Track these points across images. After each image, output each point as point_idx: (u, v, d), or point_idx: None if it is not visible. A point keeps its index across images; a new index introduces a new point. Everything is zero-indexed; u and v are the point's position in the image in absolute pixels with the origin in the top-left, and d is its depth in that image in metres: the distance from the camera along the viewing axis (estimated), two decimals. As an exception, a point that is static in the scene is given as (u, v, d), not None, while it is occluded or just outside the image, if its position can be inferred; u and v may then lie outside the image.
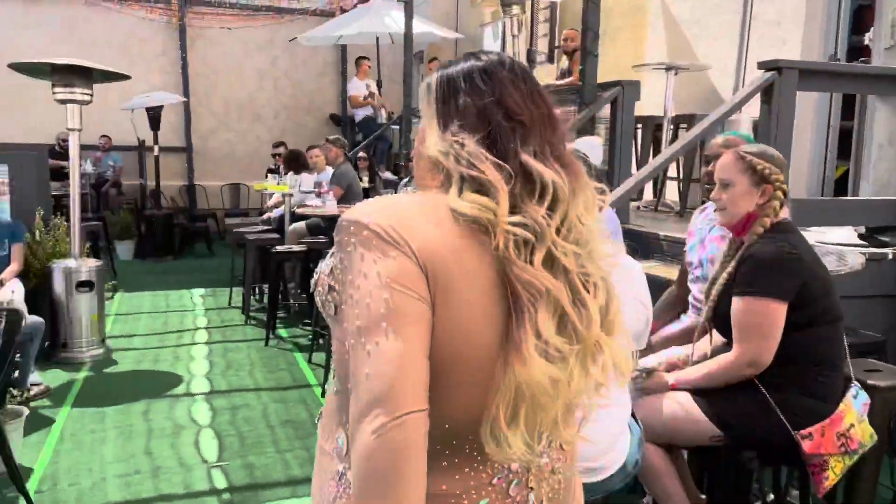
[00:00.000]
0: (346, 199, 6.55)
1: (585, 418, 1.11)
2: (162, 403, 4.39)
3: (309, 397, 4.53)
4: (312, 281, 1.13)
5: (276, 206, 7.61)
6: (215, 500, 3.23)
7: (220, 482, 3.40)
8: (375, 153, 9.81)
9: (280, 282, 6.21)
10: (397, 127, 9.44)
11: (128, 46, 11.05)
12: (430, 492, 0.98)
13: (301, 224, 6.57)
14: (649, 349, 2.59)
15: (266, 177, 8.21)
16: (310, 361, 5.25)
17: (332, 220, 6.27)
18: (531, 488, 1.10)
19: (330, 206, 6.11)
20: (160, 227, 9.66)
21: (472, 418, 1.01)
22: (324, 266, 1.11)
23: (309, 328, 6.13)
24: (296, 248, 6.13)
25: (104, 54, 9.97)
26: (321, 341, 5.56)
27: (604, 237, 1.08)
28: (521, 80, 1.10)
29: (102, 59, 6.05)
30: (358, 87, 9.96)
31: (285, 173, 7.28)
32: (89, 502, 3.18)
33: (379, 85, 10.08)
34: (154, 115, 9.76)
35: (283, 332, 6.09)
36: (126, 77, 5.61)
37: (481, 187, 1.01)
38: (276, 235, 6.71)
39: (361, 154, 8.76)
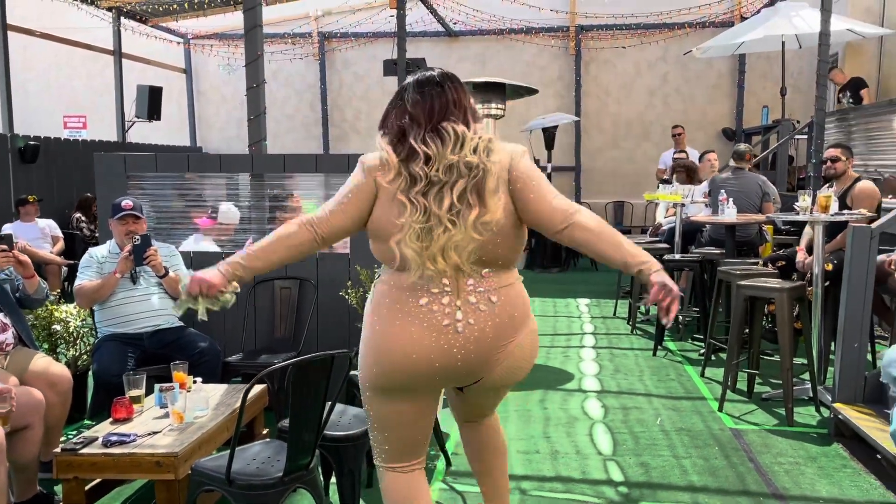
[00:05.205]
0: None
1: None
2: (556, 395, 4.54)
3: (704, 409, 4.26)
4: None
5: (667, 217, 7.43)
6: (612, 491, 3.19)
7: (616, 475, 3.35)
8: (774, 166, 8.99)
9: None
10: (804, 137, 8.52)
11: (528, 74, 11.97)
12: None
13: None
14: None
15: (657, 187, 8.06)
16: (702, 375, 4.95)
17: (731, 230, 5.87)
18: (458, 306, 2.03)
19: (728, 215, 5.70)
20: (549, 241, 10.18)
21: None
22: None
23: (700, 343, 5.82)
24: (688, 257, 5.88)
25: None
26: (713, 357, 5.23)
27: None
28: (417, 90, 2.07)
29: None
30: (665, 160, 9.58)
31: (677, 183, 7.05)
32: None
33: (783, 93, 9.23)
34: (549, 135, 10.39)
35: (670, 344, 5.87)
36: (534, 91, 6.04)
37: (385, 157, 2.04)
38: (665, 245, 6.54)
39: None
